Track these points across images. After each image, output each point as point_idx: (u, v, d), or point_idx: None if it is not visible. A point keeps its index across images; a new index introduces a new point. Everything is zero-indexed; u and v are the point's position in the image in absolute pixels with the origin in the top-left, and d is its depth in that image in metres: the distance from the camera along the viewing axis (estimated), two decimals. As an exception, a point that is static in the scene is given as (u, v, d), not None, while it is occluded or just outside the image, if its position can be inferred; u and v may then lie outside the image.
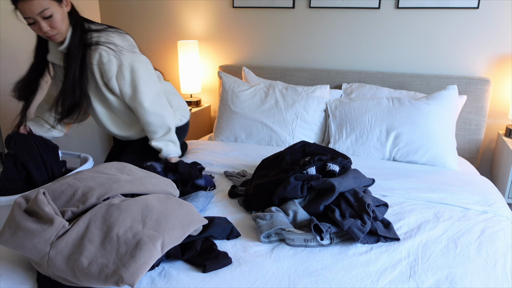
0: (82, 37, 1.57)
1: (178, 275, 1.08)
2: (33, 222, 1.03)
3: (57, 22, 1.49)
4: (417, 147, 1.99)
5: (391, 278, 1.08)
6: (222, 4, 2.72)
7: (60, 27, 1.52)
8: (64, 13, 1.53)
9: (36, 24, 1.48)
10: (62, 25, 1.52)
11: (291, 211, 1.33)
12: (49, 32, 1.51)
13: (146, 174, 1.38)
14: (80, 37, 1.57)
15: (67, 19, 1.55)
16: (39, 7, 1.43)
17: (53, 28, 1.50)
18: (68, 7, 1.55)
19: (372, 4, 2.39)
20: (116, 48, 1.59)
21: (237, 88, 2.39)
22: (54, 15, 1.47)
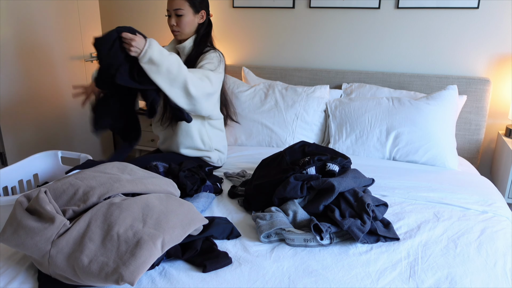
0: (201, 45, 1.84)
1: (178, 275, 1.08)
2: (34, 221, 1.03)
3: (183, 23, 1.78)
4: (417, 147, 2.00)
5: (391, 278, 1.09)
6: (222, 4, 2.72)
7: (184, 28, 1.79)
8: (194, 21, 1.81)
9: (170, 18, 1.79)
10: (186, 27, 1.80)
11: (291, 211, 1.34)
12: (173, 27, 1.80)
13: (147, 174, 1.38)
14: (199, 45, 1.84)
15: (195, 27, 1.83)
16: (177, 5, 1.76)
17: (178, 26, 1.79)
18: (202, 20, 1.84)
19: (372, 4, 2.40)
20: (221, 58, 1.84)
21: (237, 89, 2.39)
22: (184, 16, 1.77)
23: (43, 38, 2.47)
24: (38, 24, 2.43)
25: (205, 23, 1.86)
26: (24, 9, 2.34)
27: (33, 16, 2.39)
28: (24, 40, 2.36)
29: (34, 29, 2.41)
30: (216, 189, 1.63)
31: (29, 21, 2.37)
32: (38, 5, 2.41)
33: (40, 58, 2.47)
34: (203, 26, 1.85)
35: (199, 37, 1.84)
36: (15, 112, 2.36)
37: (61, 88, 2.65)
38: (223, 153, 1.99)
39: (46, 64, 2.52)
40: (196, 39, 1.84)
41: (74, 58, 2.70)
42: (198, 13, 1.80)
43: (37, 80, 2.48)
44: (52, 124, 2.62)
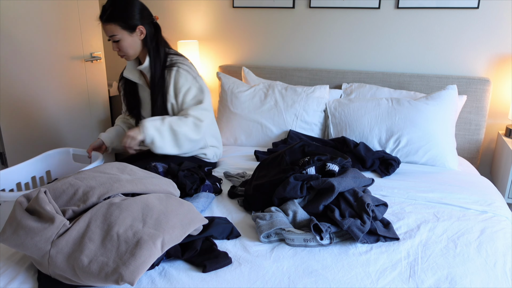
0: (164, 59, 1.77)
1: (178, 275, 1.08)
2: (34, 221, 1.03)
3: (124, 47, 1.70)
4: (417, 147, 2.00)
5: (391, 278, 1.09)
6: (222, 4, 2.72)
7: (126, 51, 1.71)
8: (134, 41, 1.71)
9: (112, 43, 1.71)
10: (129, 50, 1.71)
11: (291, 211, 1.34)
12: (118, 52, 1.74)
13: (147, 174, 1.38)
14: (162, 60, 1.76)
15: (139, 45, 1.73)
16: (109, 32, 1.66)
17: (120, 51, 1.72)
18: (142, 36, 1.71)
19: (372, 4, 2.40)
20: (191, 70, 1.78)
21: (236, 89, 2.39)
22: (121, 41, 1.68)
23: (43, 38, 2.47)
24: (38, 24, 2.43)
25: (149, 35, 1.73)
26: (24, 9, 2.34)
27: (33, 16, 2.39)
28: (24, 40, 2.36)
29: (34, 29, 2.41)
30: (215, 189, 1.63)
31: (29, 21, 2.37)
32: (38, 5, 2.41)
33: (40, 58, 2.47)
34: (148, 39, 1.73)
35: (152, 51, 1.73)
36: (15, 112, 2.36)
37: (61, 88, 2.65)
38: (218, 147, 1.98)
39: (46, 64, 2.52)
40: (150, 55, 1.73)
41: (74, 58, 2.70)
42: (135, 31, 1.68)
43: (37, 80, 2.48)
44: (52, 124, 2.62)
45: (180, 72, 1.73)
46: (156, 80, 1.74)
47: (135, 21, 1.66)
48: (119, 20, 1.63)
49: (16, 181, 1.74)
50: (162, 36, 1.79)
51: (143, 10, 1.70)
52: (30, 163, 1.81)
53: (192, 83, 1.75)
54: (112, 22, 1.63)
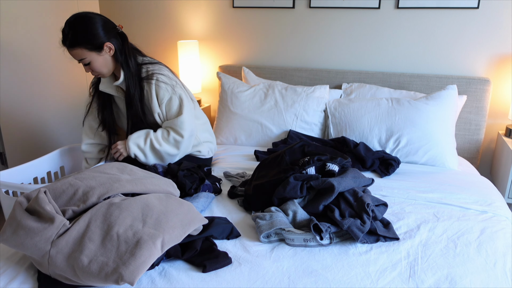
0: (137, 70, 1.73)
1: (178, 275, 1.08)
2: (34, 221, 1.03)
3: (97, 68, 1.65)
4: (416, 147, 2.00)
5: (391, 278, 1.09)
6: (222, 4, 2.72)
7: (100, 70, 1.67)
8: (105, 59, 1.66)
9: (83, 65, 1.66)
10: (102, 69, 1.67)
11: (291, 211, 1.34)
12: (92, 73, 1.69)
13: (147, 174, 1.38)
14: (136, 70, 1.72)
15: (111, 62, 1.68)
16: (77, 56, 1.61)
17: (94, 71, 1.67)
18: (111, 52, 1.65)
19: (372, 4, 2.39)
20: (169, 80, 1.75)
21: (236, 89, 2.39)
22: (92, 62, 1.62)
23: (43, 38, 2.47)
24: (38, 24, 2.43)
25: (118, 49, 1.66)
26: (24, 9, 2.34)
27: (33, 16, 2.39)
28: (24, 40, 2.36)
29: (34, 29, 2.41)
30: (215, 189, 1.63)
31: (29, 21, 2.38)
32: (38, 5, 2.41)
33: (40, 58, 2.47)
34: (118, 53, 1.66)
35: (124, 65, 1.68)
36: (15, 112, 2.36)
37: (61, 88, 2.65)
38: (211, 142, 1.98)
39: (46, 64, 2.52)
40: (125, 71, 1.68)
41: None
42: (103, 49, 1.61)
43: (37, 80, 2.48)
44: (52, 124, 2.62)
45: (159, 84, 1.70)
46: (132, 93, 1.70)
47: (101, 39, 1.59)
48: (83, 43, 1.56)
49: (33, 175, 1.83)
50: (129, 45, 1.71)
51: (105, 24, 1.61)
52: (45, 159, 1.89)
53: (171, 93, 1.72)
54: (76, 46, 1.56)
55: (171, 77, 1.77)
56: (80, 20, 1.57)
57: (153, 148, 1.72)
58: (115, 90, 1.78)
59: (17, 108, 2.36)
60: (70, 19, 1.57)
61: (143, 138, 1.72)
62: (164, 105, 1.74)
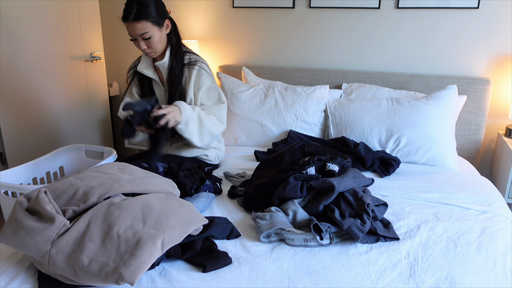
0: (181, 56, 1.76)
1: (178, 275, 1.08)
2: (34, 221, 1.03)
3: (154, 43, 1.67)
4: (416, 147, 2.00)
5: (391, 278, 1.09)
6: (222, 4, 2.72)
7: (156, 47, 1.69)
8: (163, 36, 1.69)
9: (137, 41, 1.66)
10: (159, 45, 1.69)
11: (291, 211, 1.34)
12: (146, 50, 1.69)
13: (147, 174, 1.38)
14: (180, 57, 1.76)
15: (165, 40, 1.72)
16: (141, 30, 1.61)
17: (149, 48, 1.68)
18: (168, 29, 1.71)
19: (372, 4, 2.40)
20: (210, 72, 1.80)
21: (236, 89, 2.39)
22: (152, 37, 1.65)
23: (43, 38, 2.47)
24: (38, 24, 2.43)
25: (172, 30, 1.74)
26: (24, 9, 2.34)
27: (33, 16, 2.39)
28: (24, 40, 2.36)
29: (34, 29, 2.41)
30: (215, 189, 1.63)
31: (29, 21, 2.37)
32: (38, 5, 2.41)
33: (40, 58, 2.47)
34: (172, 34, 1.74)
35: (174, 47, 1.74)
36: (15, 112, 2.36)
37: (61, 88, 2.65)
38: (220, 150, 1.98)
39: (46, 64, 2.52)
40: (172, 51, 1.74)
41: (74, 58, 2.70)
42: (163, 25, 1.68)
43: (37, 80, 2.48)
44: (52, 124, 2.62)
45: (201, 71, 1.75)
46: (175, 77, 1.74)
47: (163, 15, 1.66)
48: (149, 16, 1.60)
49: (32, 176, 1.83)
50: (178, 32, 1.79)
51: (162, 4, 1.69)
52: (44, 159, 1.89)
53: (212, 82, 1.78)
54: (142, 19, 1.59)
55: (210, 70, 1.82)
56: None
57: (200, 119, 1.67)
58: (153, 72, 1.80)
59: (17, 108, 2.36)
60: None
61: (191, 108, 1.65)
62: (203, 91, 1.75)
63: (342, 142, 2.03)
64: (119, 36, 3.05)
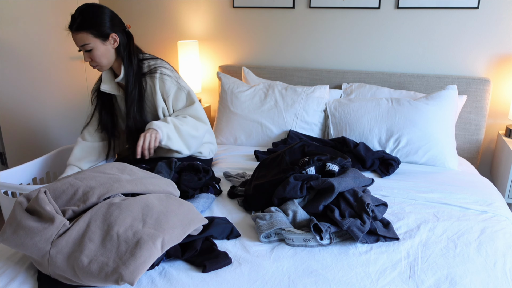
0: (139, 66, 1.72)
1: (178, 275, 1.08)
2: (34, 221, 1.03)
3: (97, 56, 1.63)
4: (416, 147, 2.00)
5: (391, 278, 1.09)
6: (222, 4, 2.72)
7: (100, 60, 1.64)
8: (108, 50, 1.65)
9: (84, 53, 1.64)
10: (102, 59, 1.64)
11: (291, 211, 1.33)
12: (90, 63, 1.67)
13: (147, 174, 1.38)
14: (137, 68, 1.71)
15: (112, 54, 1.67)
16: (81, 41, 1.59)
17: (93, 61, 1.64)
18: (115, 44, 1.66)
19: (372, 4, 2.40)
20: (173, 74, 1.75)
21: (236, 89, 2.39)
22: (94, 50, 1.61)
23: (43, 38, 2.47)
24: (38, 24, 2.43)
25: (122, 44, 1.67)
26: (24, 9, 2.34)
27: (33, 16, 2.39)
28: (24, 40, 2.36)
29: (34, 29, 2.41)
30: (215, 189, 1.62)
31: (29, 21, 2.38)
32: (38, 5, 2.41)
33: (40, 58, 2.47)
34: (121, 48, 1.67)
35: (126, 61, 1.68)
36: (15, 112, 2.36)
37: (61, 88, 2.65)
38: (212, 143, 1.97)
39: (46, 64, 2.52)
40: (125, 65, 1.68)
41: (74, 58, 2.70)
42: (108, 39, 1.62)
43: (37, 80, 2.48)
44: (52, 124, 2.62)
45: (163, 78, 1.70)
46: (131, 90, 1.69)
47: (107, 29, 1.61)
48: (90, 28, 1.57)
49: (32, 176, 1.82)
50: (134, 44, 1.73)
51: (113, 18, 1.65)
52: (44, 159, 1.89)
53: (177, 86, 1.73)
54: (83, 30, 1.56)
55: (173, 71, 1.78)
56: (90, 7, 1.60)
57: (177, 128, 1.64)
58: (116, 89, 1.77)
59: (17, 108, 2.36)
60: (81, 6, 1.60)
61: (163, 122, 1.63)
62: (171, 97, 1.72)
63: (342, 142, 2.03)
64: (119, 36, 3.05)
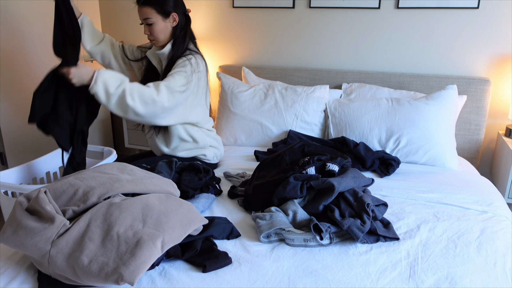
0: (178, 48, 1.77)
1: (178, 275, 1.08)
2: (34, 221, 1.03)
3: (156, 31, 1.73)
4: (416, 147, 2.00)
5: (391, 278, 1.09)
6: (222, 4, 2.72)
7: (157, 35, 1.74)
8: (167, 26, 1.74)
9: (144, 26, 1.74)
10: (160, 34, 1.74)
11: (291, 211, 1.34)
12: (148, 36, 1.77)
13: (147, 174, 1.38)
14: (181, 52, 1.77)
15: (169, 31, 1.76)
16: (144, 15, 1.70)
17: (151, 34, 1.74)
18: (174, 23, 1.75)
19: (372, 4, 2.40)
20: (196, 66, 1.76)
21: (236, 89, 2.39)
22: (154, 24, 1.71)
23: (43, 38, 2.47)
24: (38, 24, 2.43)
25: (180, 25, 1.76)
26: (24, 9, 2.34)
27: (33, 16, 2.39)
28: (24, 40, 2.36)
29: (34, 29, 2.41)
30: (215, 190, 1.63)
31: (29, 20, 2.37)
32: (38, 5, 2.41)
33: (40, 58, 2.47)
34: (179, 28, 1.76)
35: (177, 40, 1.77)
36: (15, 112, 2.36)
37: (61, 88, 2.64)
38: (218, 148, 1.97)
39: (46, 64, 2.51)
40: (174, 43, 1.76)
41: (74, 58, 2.70)
42: (169, 17, 1.72)
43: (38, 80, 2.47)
44: (52, 124, 2.62)
45: (186, 61, 1.73)
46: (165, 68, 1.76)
47: (170, 8, 1.71)
48: (155, 4, 1.68)
49: (32, 176, 1.82)
50: (190, 29, 1.83)
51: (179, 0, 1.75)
52: (44, 159, 1.89)
53: (186, 71, 1.70)
54: (148, 5, 1.68)
55: (199, 66, 1.77)
56: None
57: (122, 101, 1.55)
58: (157, 62, 1.85)
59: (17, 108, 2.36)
60: None
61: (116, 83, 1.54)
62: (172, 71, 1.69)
63: (342, 142, 2.03)
64: (119, 36, 3.05)
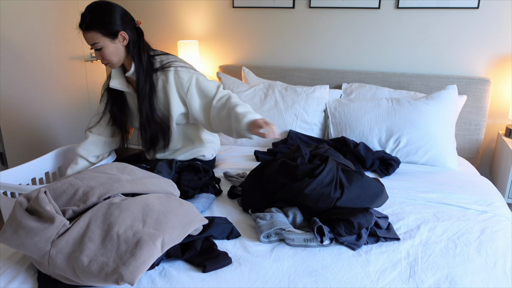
0: (150, 63, 1.70)
1: (178, 275, 1.08)
2: (34, 221, 1.03)
3: (107, 55, 1.62)
4: (416, 147, 2.00)
5: (391, 278, 1.09)
6: (222, 4, 2.72)
7: (110, 59, 1.64)
8: (117, 48, 1.63)
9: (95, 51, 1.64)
10: (113, 57, 1.64)
11: (291, 213, 1.33)
12: (101, 60, 1.66)
13: (147, 174, 1.38)
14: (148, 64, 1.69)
15: (123, 52, 1.65)
16: (90, 40, 1.59)
17: (104, 59, 1.64)
18: (125, 41, 1.63)
19: (372, 4, 2.40)
20: (187, 64, 1.72)
21: (236, 89, 2.39)
22: (104, 48, 1.60)
23: (43, 38, 2.47)
24: (38, 24, 2.43)
25: (132, 41, 1.64)
26: (24, 9, 2.34)
27: (33, 16, 2.39)
28: (24, 40, 2.36)
29: (34, 29, 2.41)
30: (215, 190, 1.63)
31: (29, 21, 2.38)
32: (38, 5, 2.41)
33: (40, 58, 2.47)
34: (131, 45, 1.64)
35: (136, 58, 1.66)
36: (15, 112, 2.36)
37: (61, 88, 2.65)
38: (214, 143, 1.95)
39: (46, 64, 2.52)
40: (136, 62, 1.66)
41: (74, 58, 2.70)
42: (117, 37, 1.60)
43: (37, 80, 2.48)
44: (52, 124, 2.62)
45: (178, 70, 1.68)
46: (142, 87, 1.67)
47: (117, 27, 1.58)
48: (99, 27, 1.56)
49: (31, 176, 1.81)
50: (144, 41, 1.70)
51: (124, 15, 1.62)
52: (44, 159, 1.88)
53: (193, 73, 1.70)
54: (92, 29, 1.56)
55: (186, 63, 1.74)
56: (100, 6, 1.58)
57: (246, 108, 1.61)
58: (126, 86, 1.75)
59: (17, 108, 2.36)
60: (91, 4, 1.59)
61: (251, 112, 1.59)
62: (195, 87, 1.67)
63: (342, 142, 2.03)
64: (119, 36, 3.05)
